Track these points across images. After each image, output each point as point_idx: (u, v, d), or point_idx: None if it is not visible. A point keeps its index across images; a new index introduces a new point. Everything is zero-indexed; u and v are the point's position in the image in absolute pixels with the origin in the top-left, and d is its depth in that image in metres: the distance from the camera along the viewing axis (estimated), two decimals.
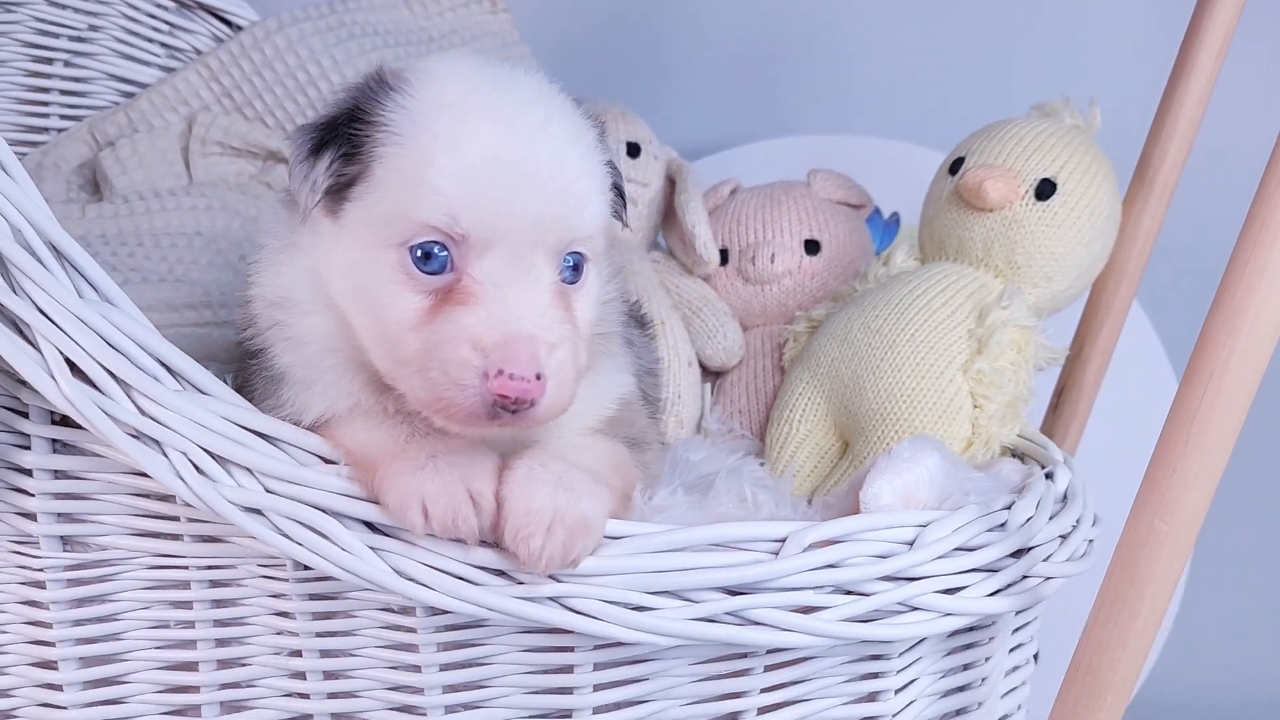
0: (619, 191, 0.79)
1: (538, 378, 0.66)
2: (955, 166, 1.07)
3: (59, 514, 0.79)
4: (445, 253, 0.69)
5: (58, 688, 0.82)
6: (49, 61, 1.28)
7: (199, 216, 1.19)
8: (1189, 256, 1.39)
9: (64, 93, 1.29)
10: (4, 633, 0.82)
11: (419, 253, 0.69)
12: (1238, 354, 0.65)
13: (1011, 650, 0.89)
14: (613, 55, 1.69)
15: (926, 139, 1.50)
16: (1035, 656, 0.95)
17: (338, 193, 0.72)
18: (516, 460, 0.72)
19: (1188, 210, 1.30)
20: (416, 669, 0.76)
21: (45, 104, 1.29)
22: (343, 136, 0.72)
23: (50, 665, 0.82)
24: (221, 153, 1.27)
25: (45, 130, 1.30)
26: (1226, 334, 0.65)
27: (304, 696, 0.79)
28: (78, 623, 0.81)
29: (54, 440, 0.78)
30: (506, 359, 0.66)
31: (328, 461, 0.74)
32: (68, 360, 0.71)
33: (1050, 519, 0.82)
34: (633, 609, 0.71)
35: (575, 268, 0.73)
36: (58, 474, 0.78)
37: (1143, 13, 1.56)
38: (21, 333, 0.72)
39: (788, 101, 1.70)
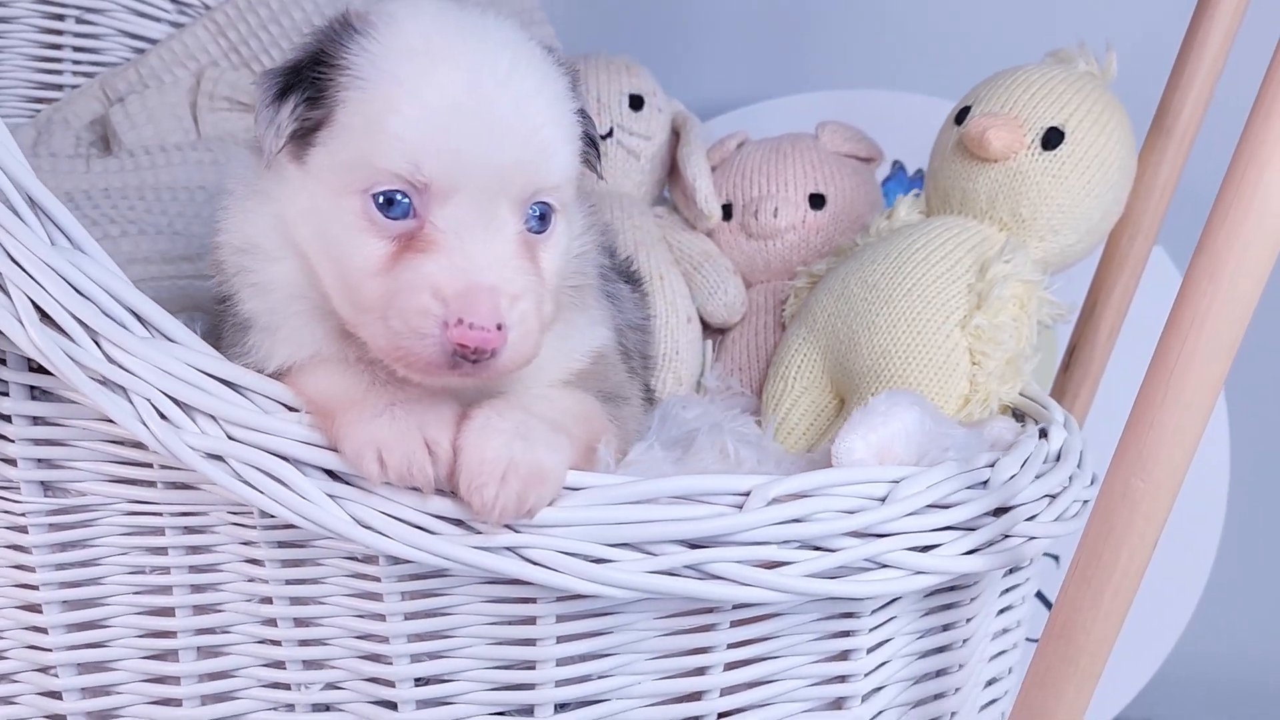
0: (591, 142, 0.78)
1: (498, 328, 0.65)
2: (961, 116, 1.03)
3: (38, 460, 0.80)
4: (407, 200, 0.68)
5: (43, 630, 0.83)
6: (61, 19, 1.29)
7: (204, 171, 1.20)
8: None
9: (76, 49, 1.30)
10: None
11: (381, 199, 0.68)
12: (1220, 302, 0.62)
13: (1000, 612, 0.87)
14: (633, 10, 1.66)
15: (954, 93, 1.45)
16: None
17: (303, 138, 0.72)
18: (475, 410, 0.71)
19: (1221, 156, 1.25)
20: (382, 618, 0.76)
21: (59, 60, 1.30)
22: (307, 80, 0.71)
23: (35, 608, 0.83)
24: (230, 108, 1.27)
25: (59, 87, 1.31)
26: (1208, 280, 0.62)
27: (276, 643, 0.79)
28: (59, 567, 0.82)
29: (31, 387, 0.79)
30: (466, 308, 0.65)
31: (291, 409, 0.73)
32: (37, 306, 0.72)
33: (1038, 478, 0.79)
34: (591, 561, 0.69)
35: (542, 218, 0.72)
36: (36, 420, 0.79)
37: None
38: None
39: (811, 56, 1.66)
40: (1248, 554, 1.52)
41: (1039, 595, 1.43)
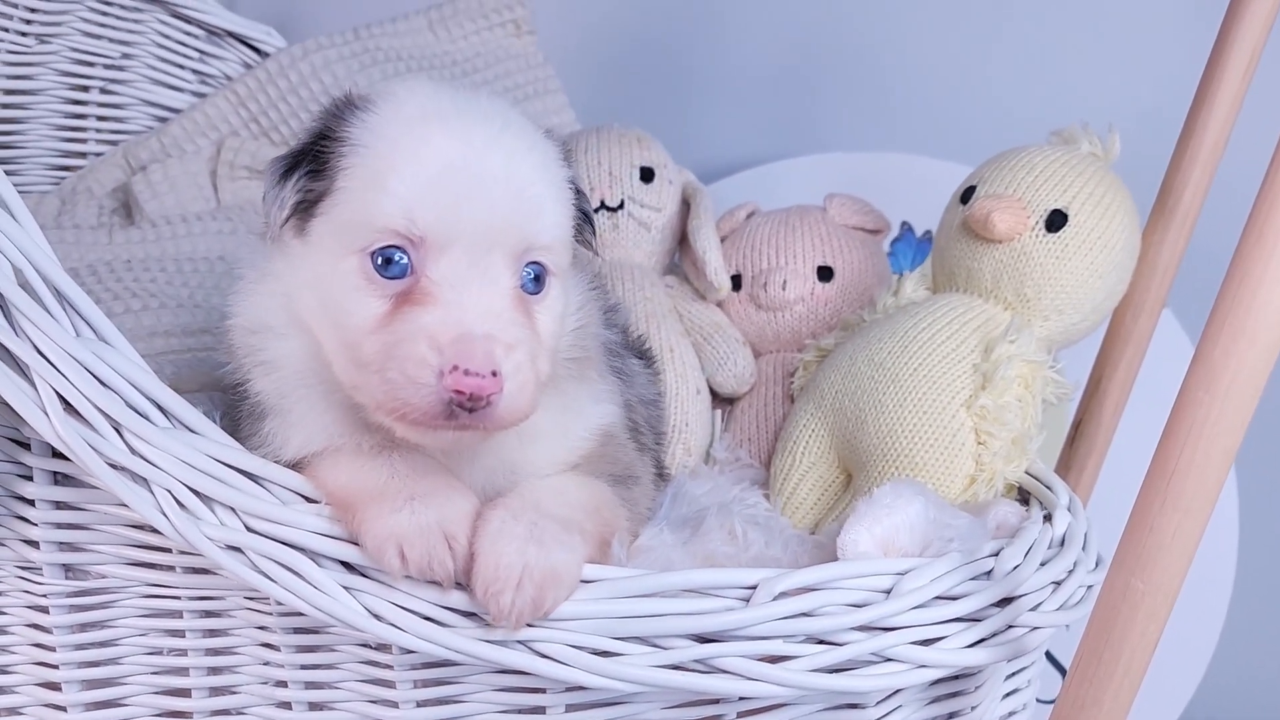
0: (585, 217, 0.80)
1: (494, 375, 0.67)
2: (966, 195, 1.05)
3: (60, 543, 0.82)
4: (405, 259, 0.70)
5: (62, 709, 0.85)
6: (85, 89, 1.32)
7: (224, 241, 1.22)
8: None
9: (101, 119, 1.34)
10: (12, 653, 0.85)
11: (379, 259, 0.71)
12: (1216, 412, 0.63)
13: (1006, 696, 0.87)
14: (647, 73, 1.69)
15: (965, 156, 1.47)
16: None
17: (306, 210, 0.74)
18: (490, 511, 0.72)
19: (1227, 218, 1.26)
20: (394, 705, 0.77)
21: (83, 130, 1.34)
22: (310, 154, 0.74)
23: (55, 687, 0.85)
24: (249, 176, 1.30)
25: (84, 155, 1.34)
26: (1205, 390, 0.63)
27: None
28: (79, 646, 0.84)
29: (54, 473, 0.81)
30: (461, 355, 0.67)
31: (309, 501, 0.75)
32: (61, 397, 0.73)
33: (1042, 565, 0.80)
34: (599, 654, 0.71)
35: (537, 279, 0.74)
36: (58, 505, 0.81)
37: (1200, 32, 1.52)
38: (18, 369, 0.74)
39: (825, 118, 1.68)
40: (1263, 599, 1.53)
41: (1048, 655, 1.43)
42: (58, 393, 0.73)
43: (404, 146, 0.70)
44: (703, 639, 0.72)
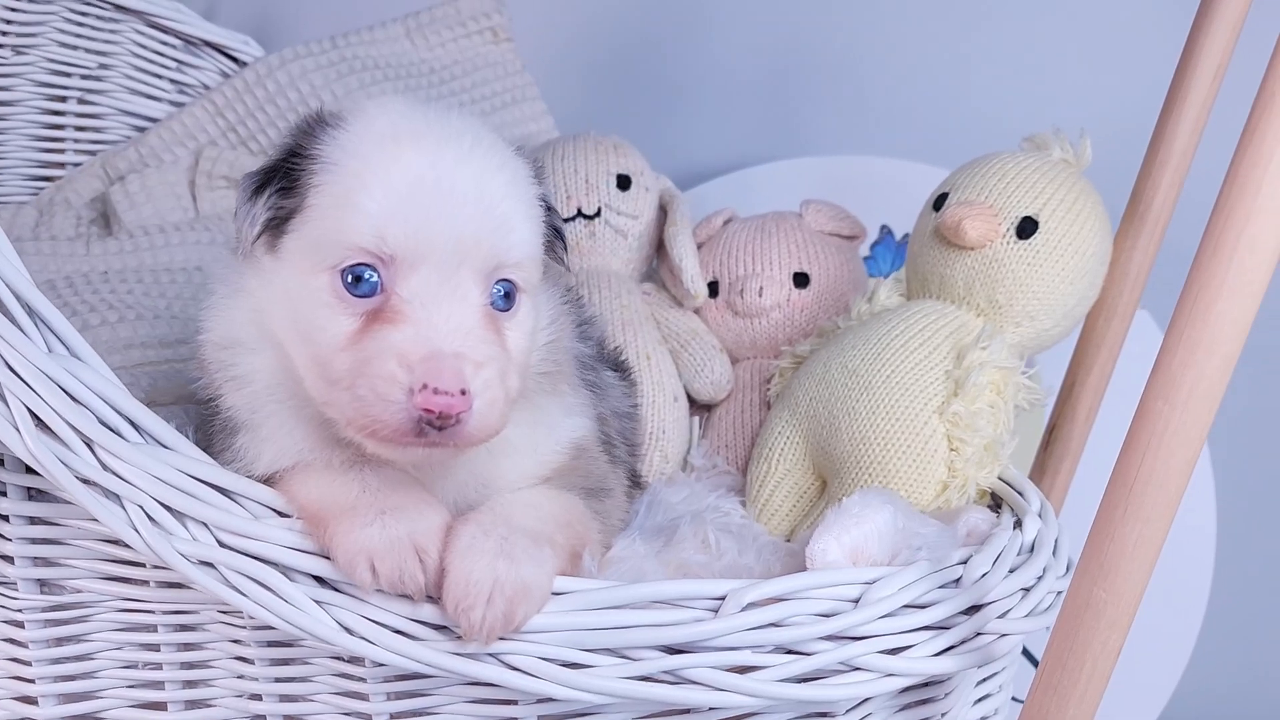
0: (556, 233, 0.80)
1: (463, 393, 0.67)
2: (939, 202, 1.06)
3: (35, 558, 0.82)
4: (375, 277, 0.71)
5: None
6: (63, 99, 1.32)
7: (202, 251, 1.22)
8: None
9: (78, 129, 1.34)
10: None
11: (349, 277, 0.71)
12: (1175, 423, 0.63)
13: (978, 701, 0.88)
14: (626, 79, 1.70)
15: (944, 160, 1.48)
16: None
17: (277, 227, 0.75)
18: (461, 525, 0.73)
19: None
20: (367, 717, 0.78)
21: (61, 140, 1.34)
22: (281, 172, 0.75)
23: (31, 701, 0.85)
24: (227, 186, 1.30)
25: (61, 165, 1.34)
26: (1164, 401, 0.64)
27: None
28: (55, 661, 0.84)
29: (28, 488, 0.81)
30: (430, 373, 0.67)
31: (282, 515, 0.75)
32: (33, 413, 0.74)
33: (1011, 572, 0.80)
34: (568, 666, 0.71)
35: (507, 296, 0.75)
36: (32, 520, 0.81)
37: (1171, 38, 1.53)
38: None
39: (804, 122, 1.69)
40: (1241, 593, 1.54)
41: (1027, 654, 1.44)
42: (29, 409, 0.73)
43: (374, 164, 0.71)
44: (672, 650, 0.72)
